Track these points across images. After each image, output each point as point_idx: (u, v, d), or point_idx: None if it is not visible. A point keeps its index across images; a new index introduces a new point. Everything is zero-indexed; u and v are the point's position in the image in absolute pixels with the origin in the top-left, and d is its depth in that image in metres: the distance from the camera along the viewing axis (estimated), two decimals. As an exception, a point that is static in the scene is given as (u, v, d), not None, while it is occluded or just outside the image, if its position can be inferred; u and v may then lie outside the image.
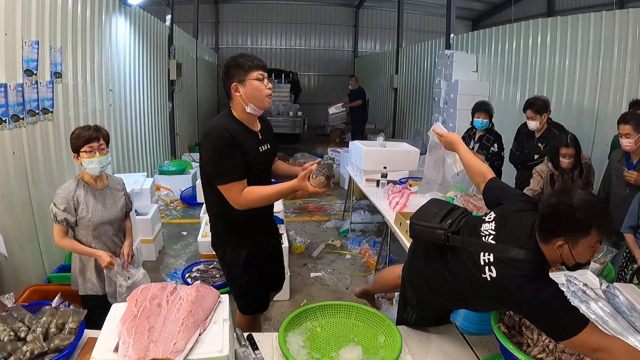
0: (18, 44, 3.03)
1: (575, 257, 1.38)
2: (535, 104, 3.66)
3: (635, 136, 2.80)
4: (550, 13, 10.81)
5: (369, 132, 10.20)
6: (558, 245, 1.36)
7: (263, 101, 1.93)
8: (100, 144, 2.23)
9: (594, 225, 1.32)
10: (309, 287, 3.92)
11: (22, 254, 3.04)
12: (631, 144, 2.83)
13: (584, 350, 1.34)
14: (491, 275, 1.40)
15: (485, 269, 1.41)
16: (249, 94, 1.91)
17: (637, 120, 2.80)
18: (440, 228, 1.60)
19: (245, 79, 1.90)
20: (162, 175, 6.41)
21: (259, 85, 1.90)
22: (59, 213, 2.19)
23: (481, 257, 1.44)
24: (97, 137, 2.22)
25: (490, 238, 1.48)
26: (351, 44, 14.72)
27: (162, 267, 4.24)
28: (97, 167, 2.23)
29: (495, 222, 1.53)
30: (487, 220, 1.56)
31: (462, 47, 7.24)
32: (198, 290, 1.51)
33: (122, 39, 5.33)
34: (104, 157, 2.24)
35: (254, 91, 1.91)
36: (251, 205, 1.90)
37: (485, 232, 1.51)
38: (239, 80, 1.91)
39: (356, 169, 4.85)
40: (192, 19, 10.19)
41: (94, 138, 2.21)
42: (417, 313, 1.82)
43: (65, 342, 1.46)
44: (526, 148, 3.87)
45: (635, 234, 2.56)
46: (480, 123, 3.99)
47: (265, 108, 1.97)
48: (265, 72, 1.93)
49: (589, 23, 4.57)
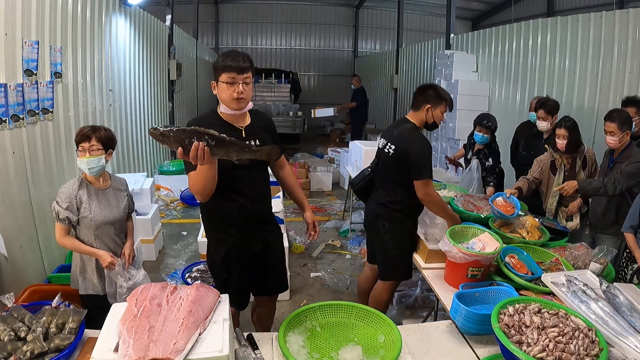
0: (18, 44, 3.03)
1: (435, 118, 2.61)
2: (548, 104, 3.63)
3: (619, 134, 2.79)
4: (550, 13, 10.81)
5: (369, 132, 10.20)
6: (426, 109, 2.57)
7: (229, 103, 1.94)
8: (92, 145, 2.19)
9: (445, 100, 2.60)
10: (309, 287, 3.92)
11: (22, 254, 3.04)
12: (615, 142, 2.83)
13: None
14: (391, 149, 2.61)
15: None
16: (219, 94, 1.96)
17: (622, 119, 2.80)
18: (367, 169, 2.88)
19: (218, 80, 1.94)
20: (162, 175, 6.42)
21: (225, 89, 1.91)
22: (61, 211, 2.19)
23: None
24: (90, 136, 2.20)
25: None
26: (351, 44, 14.73)
27: (162, 267, 4.24)
28: (86, 168, 2.20)
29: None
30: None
31: (462, 47, 7.24)
32: (198, 290, 1.51)
33: (122, 39, 5.33)
34: (94, 158, 2.19)
35: (221, 93, 1.94)
36: (197, 189, 1.85)
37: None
38: (216, 80, 1.95)
39: (356, 169, 4.85)
40: (192, 19, 10.20)
41: (86, 137, 2.19)
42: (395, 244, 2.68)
43: (65, 342, 1.46)
44: (533, 149, 3.84)
45: (635, 234, 2.55)
46: (480, 137, 3.87)
47: (238, 109, 1.96)
48: (238, 73, 1.89)
49: (589, 23, 4.57)
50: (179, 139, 1.58)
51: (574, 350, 1.39)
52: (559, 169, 3.16)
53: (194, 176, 1.83)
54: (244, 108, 1.97)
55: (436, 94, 2.60)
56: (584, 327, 1.49)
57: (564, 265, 2.22)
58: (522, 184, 3.24)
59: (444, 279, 2.31)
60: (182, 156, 1.60)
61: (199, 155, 1.59)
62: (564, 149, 3.05)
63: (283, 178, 2.37)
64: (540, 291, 1.98)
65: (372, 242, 2.89)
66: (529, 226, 2.67)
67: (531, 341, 1.43)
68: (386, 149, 2.67)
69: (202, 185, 1.83)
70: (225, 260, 2.11)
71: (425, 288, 3.46)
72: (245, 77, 1.91)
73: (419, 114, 2.62)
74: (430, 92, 2.61)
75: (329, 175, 7.21)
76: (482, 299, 1.88)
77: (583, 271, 2.13)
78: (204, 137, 1.59)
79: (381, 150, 2.75)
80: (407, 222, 2.72)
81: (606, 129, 2.85)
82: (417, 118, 2.64)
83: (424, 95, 2.61)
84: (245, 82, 1.91)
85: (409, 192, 2.56)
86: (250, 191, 2.07)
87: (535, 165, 3.29)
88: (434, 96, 2.59)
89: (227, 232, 2.11)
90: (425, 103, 2.59)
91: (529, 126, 4.13)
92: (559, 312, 1.57)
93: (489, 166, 3.90)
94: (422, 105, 2.60)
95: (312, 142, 11.25)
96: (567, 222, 3.11)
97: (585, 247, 2.42)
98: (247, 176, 2.04)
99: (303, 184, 6.71)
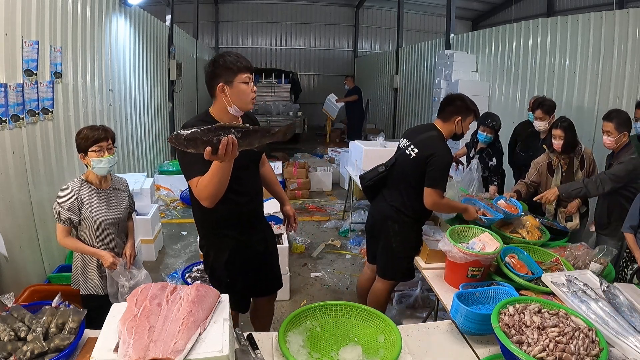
0: (18, 44, 3.03)
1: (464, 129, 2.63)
2: (545, 104, 3.64)
3: (616, 135, 2.79)
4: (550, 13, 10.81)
5: (369, 132, 10.20)
6: (456, 121, 2.57)
7: (247, 104, 1.93)
8: (109, 144, 2.25)
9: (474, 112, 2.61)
10: (309, 287, 3.92)
11: (22, 254, 3.04)
12: (611, 142, 2.82)
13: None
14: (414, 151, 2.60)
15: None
16: (235, 96, 1.91)
17: (621, 120, 2.79)
18: (381, 167, 2.79)
19: (232, 81, 1.89)
20: (162, 175, 6.42)
21: (246, 89, 1.90)
22: (63, 212, 2.19)
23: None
24: (106, 137, 2.24)
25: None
26: (351, 44, 14.73)
27: (162, 267, 4.24)
28: (106, 167, 2.24)
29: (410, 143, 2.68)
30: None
31: (462, 47, 7.24)
32: (198, 290, 1.51)
33: (122, 39, 5.33)
34: (112, 157, 2.26)
35: (240, 94, 1.90)
36: (209, 193, 1.76)
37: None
38: (226, 81, 1.89)
39: (356, 169, 4.85)
40: (192, 19, 10.19)
41: (103, 138, 2.22)
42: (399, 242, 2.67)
43: (65, 342, 1.46)
44: (531, 149, 3.84)
45: (635, 234, 2.55)
46: (483, 137, 3.88)
47: (248, 110, 1.96)
48: (251, 74, 1.92)
49: (589, 23, 4.57)
50: (206, 140, 1.48)
51: (574, 350, 1.39)
52: (556, 170, 3.16)
53: (203, 182, 1.74)
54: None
55: (465, 105, 2.58)
56: (584, 327, 1.49)
57: (564, 265, 2.22)
58: (520, 187, 3.25)
59: (444, 279, 2.31)
60: (209, 156, 1.50)
61: (227, 150, 1.48)
62: (560, 149, 3.05)
63: (264, 174, 2.38)
64: (541, 291, 1.98)
65: (376, 242, 2.84)
66: (529, 226, 2.67)
67: (531, 341, 1.43)
68: (407, 151, 2.63)
69: (216, 189, 1.73)
70: (228, 265, 2.10)
71: (425, 288, 3.46)
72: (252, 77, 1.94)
73: (449, 125, 2.60)
74: (459, 103, 2.59)
75: (329, 175, 7.21)
76: (482, 299, 1.88)
77: (583, 271, 2.13)
78: (230, 130, 1.51)
79: (402, 150, 2.71)
80: (415, 226, 2.70)
81: (603, 128, 2.85)
82: (446, 129, 2.61)
83: (453, 106, 2.59)
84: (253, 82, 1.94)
85: (423, 198, 2.55)
86: (247, 191, 2.08)
87: (532, 168, 3.29)
88: (464, 108, 2.58)
89: (228, 234, 2.10)
90: (456, 115, 2.57)
91: (527, 126, 4.13)
92: (559, 312, 1.56)
93: (493, 166, 3.89)
94: (452, 116, 2.58)
95: (312, 142, 11.25)
96: (566, 222, 3.11)
97: (585, 247, 2.42)
98: (245, 177, 2.04)
99: (303, 184, 6.71)
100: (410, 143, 2.64)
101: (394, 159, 2.78)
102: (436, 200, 2.50)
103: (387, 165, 2.78)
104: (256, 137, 1.59)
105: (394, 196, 2.70)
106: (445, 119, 2.61)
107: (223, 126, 1.52)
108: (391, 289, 2.87)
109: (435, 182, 2.48)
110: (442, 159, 2.49)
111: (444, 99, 2.68)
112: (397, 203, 2.67)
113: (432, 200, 2.51)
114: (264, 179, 2.39)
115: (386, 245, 2.73)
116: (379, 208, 2.79)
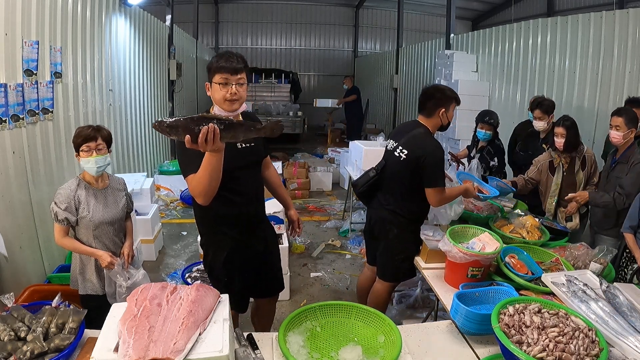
0: (18, 44, 3.03)
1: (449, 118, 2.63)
2: (544, 103, 3.64)
3: (625, 130, 2.81)
4: (550, 13, 10.81)
5: (369, 132, 10.20)
6: (440, 113, 2.57)
7: (222, 104, 1.91)
8: (98, 144, 2.22)
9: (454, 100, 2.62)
10: (309, 287, 3.92)
11: (22, 254, 3.04)
12: (619, 137, 2.84)
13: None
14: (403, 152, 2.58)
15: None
16: (212, 95, 1.94)
17: (630, 116, 2.82)
18: (372, 171, 2.77)
19: (212, 81, 1.92)
20: (162, 175, 6.41)
21: (218, 90, 1.90)
22: (60, 212, 2.19)
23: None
24: (95, 136, 2.22)
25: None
26: (351, 44, 14.73)
27: (162, 267, 4.24)
28: (94, 167, 2.22)
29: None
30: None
31: (462, 47, 7.24)
32: (198, 290, 1.51)
33: (122, 39, 5.33)
34: (101, 157, 2.22)
35: (214, 94, 1.93)
36: (202, 188, 1.77)
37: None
38: (210, 81, 1.94)
39: (356, 169, 4.85)
40: (192, 19, 10.19)
41: (91, 137, 2.20)
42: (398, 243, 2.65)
43: (65, 342, 1.46)
44: (530, 149, 3.84)
45: (635, 234, 2.56)
46: (482, 134, 3.88)
47: (231, 110, 1.92)
48: (232, 74, 1.87)
49: (589, 23, 4.57)
50: (187, 128, 1.51)
51: (574, 350, 1.39)
52: (557, 168, 3.16)
53: (195, 178, 1.76)
54: (237, 109, 1.93)
55: (445, 96, 2.58)
56: (584, 327, 1.49)
57: (564, 265, 2.22)
58: (518, 179, 3.28)
59: (444, 279, 2.31)
60: (190, 144, 1.52)
61: (208, 138, 1.50)
62: (562, 147, 3.05)
63: (267, 177, 2.38)
64: (540, 291, 1.98)
65: (375, 244, 2.83)
66: (529, 226, 2.68)
67: (531, 341, 1.43)
68: (396, 153, 2.61)
69: (207, 184, 1.73)
70: (226, 264, 2.10)
71: (425, 288, 3.46)
72: (238, 78, 1.89)
73: (434, 120, 2.60)
74: (438, 95, 2.58)
75: (329, 175, 7.21)
76: (482, 299, 1.88)
77: (583, 271, 2.13)
78: (212, 121, 1.54)
79: (390, 152, 2.69)
80: (414, 227, 2.69)
81: (612, 123, 2.87)
82: (431, 123, 2.60)
83: (434, 99, 2.57)
84: (238, 83, 1.89)
85: (419, 198, 2.54)
86: (246, 191, 2.08)
87: (532, 166, 3.30)
88: (444, 99, 2.57)
89: (227, 234, 2.10)
90: (439, 107, 2.56)
91: (527, 126, 4.13)
92: (559, 312, 1.56)
93: (495, 167, 3.88)
94: (435, 110, 2.57)
95: (312, 142, 11.25)
96: (566, 222, 3.11)
97: (585, 247, 2.42)
98: (243, 177, 2.04)
99: (303, 184, 6.71)
100: (398, 144, 2.62)
101: (383, 161, 2.78)
102: (440, 197, 2.51)
103: (378, 169, 2.77)
104: (241, 131, 1.63)
105: (389, 199, 2.69)
106: (428, 114, 2.60)
107: (206, 117, 1.55)
108: (391, 290, 2.87)
109: (434, 182, 2.48)
110: (434, 157, 2.48)
111: (422, 94, 2.65)
112: (393, 206, 2.66)
113: (436, 199, 2.51)
114: (269, 182, 2.39)
115: (386, 248, 2.72)
116: (376, 212, 2.78)
